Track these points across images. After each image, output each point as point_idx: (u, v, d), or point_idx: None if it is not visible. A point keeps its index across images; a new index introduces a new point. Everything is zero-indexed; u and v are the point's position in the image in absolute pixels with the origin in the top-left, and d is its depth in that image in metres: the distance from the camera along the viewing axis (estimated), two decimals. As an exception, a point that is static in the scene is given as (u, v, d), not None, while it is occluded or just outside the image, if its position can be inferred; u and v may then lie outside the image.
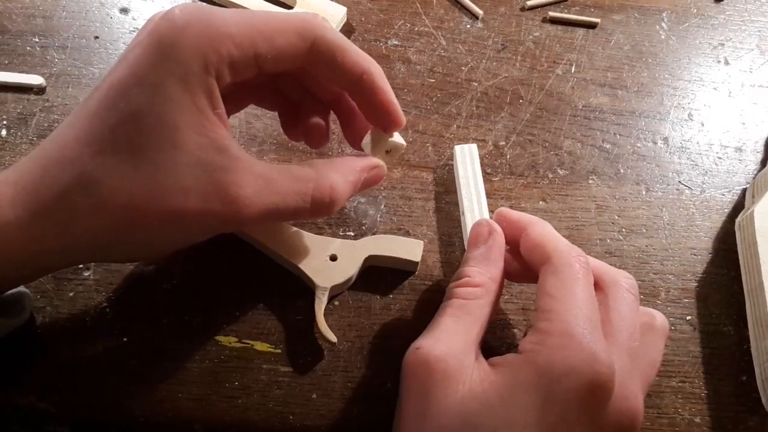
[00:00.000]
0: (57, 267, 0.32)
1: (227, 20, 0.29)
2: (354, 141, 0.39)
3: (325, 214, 0.33)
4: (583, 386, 0.27)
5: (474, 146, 0.44)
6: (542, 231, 0.33)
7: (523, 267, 0.35)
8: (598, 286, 0.32)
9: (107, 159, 0.27)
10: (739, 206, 0.45)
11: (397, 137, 0.38)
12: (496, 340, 0.39)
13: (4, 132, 0.44)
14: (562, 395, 0.27)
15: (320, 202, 0.32)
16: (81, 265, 0.40)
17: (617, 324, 0.30)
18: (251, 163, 0.30)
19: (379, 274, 0.40)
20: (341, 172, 0.33)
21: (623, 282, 0.32)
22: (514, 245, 0.35)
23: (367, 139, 0.37)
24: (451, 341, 0.30)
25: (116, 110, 0.28)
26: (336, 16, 0.51)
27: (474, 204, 0.41)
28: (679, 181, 0.46)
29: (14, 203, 0.28)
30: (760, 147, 0.48)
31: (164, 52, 0.28)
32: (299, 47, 0.31)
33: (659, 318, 0.33)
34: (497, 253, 0.34)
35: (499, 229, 0.35)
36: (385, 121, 0.35)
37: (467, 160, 0.43)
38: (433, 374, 0.29)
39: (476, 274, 0.33)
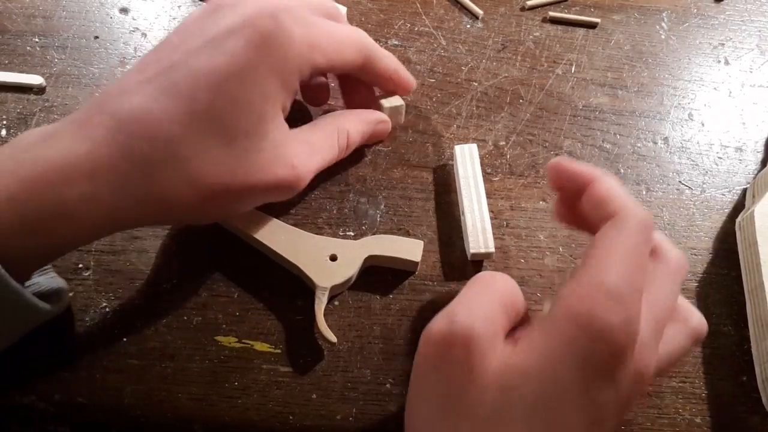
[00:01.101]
0: (122, 229, 0.34)
1: (320, 30, 0.34)
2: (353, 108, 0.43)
3: (342, 156, 0.40)
4: (608, 347, 0.26)
5: (474, 146, 0.44)
6: (610, 186, 0.31)
7: (576, 216, 0.33)
8: (651, 255, 0.31)
9: (199, 139, 0.30)
10: (739, 206, 0.45)
11: (395, 99, 0.44)
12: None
13: (4, 132, 0.44)
14: (590, 358, 0.26)
15: (341, 149, 0.39)
16: (81, 265, 0.40)
17: (655, 296, 0.29)
18: (295, 132, 0.36)
19: (379, 274, 0.40)
20: (354, 120, 0.40)
21: (674, 262, 0.31)
22: (569, 195, 0.33)
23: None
24: (482, 316, 0.28)
25: (215, 95, 0.30)
26: (336, 16, 0.51)
27: (474, 204, 0.41)
28: (680, 181, 0.46)
29: (93, 176, 0.29)
30: (761, 147, 0.48)
31: (269, 50, 0.31)
32: (357, 61, 0.37)
33: (697, 319, 0.32)
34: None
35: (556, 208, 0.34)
36: (393, 88, 0.43)
37: (467, 160, 0.43)
38: (467, 344, 0.27)
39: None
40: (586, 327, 0.26)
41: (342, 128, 0.39)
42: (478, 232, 0.40)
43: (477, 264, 0.42)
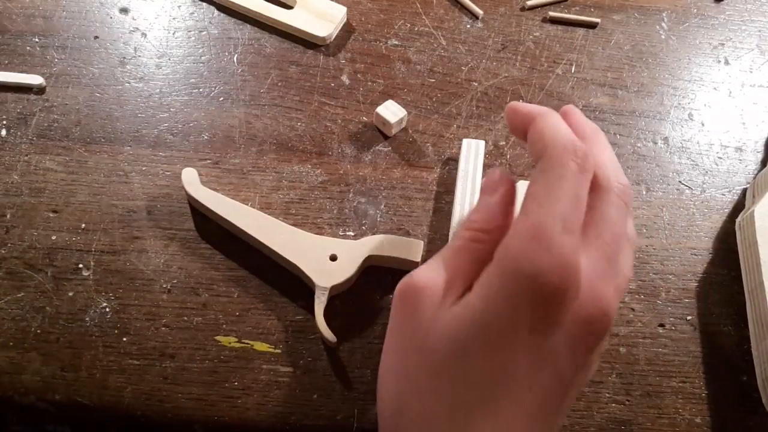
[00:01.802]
0: None
1: None
2: None
3: None
4: (550, 288, 0.25)
5: (481, 143, 0.44)
6: (544, 123, 0.30)
7: None
8: (592, 185, 0.30)
9: None
10: (739, 206, 0.45)
11: (395, 110, 0.42)
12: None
13: (4, 132, 0.44)
14: (531, 300, 0.26)
15: None
16: (81, 265, 0.40)
17: (599, 226, 0.28)
18: None
19: (379, 274, 0.40)
20: None
21: (615, 186, 0.30)
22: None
23: None
24: (441, 273, 0.29)
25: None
26: (336, 16, 0.51)
27: (466, 198, 0.42)
28: (680, 181, 0.46)
29: None
30: (761, 147, 0.48)
31: None
32: None
33: (630, 229, 0.31)
34: (504, 203, 0.31)
35: (511, 180, 0.32)
36: None
37: (471, 155, 0.43)
38: (420, 297, 0.28)
39: (482, 220, 0.31)
40: (517, 273, 0.26)
41: None
42: None
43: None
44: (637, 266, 0.42)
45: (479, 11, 0.53)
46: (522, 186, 0.31)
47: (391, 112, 0.45)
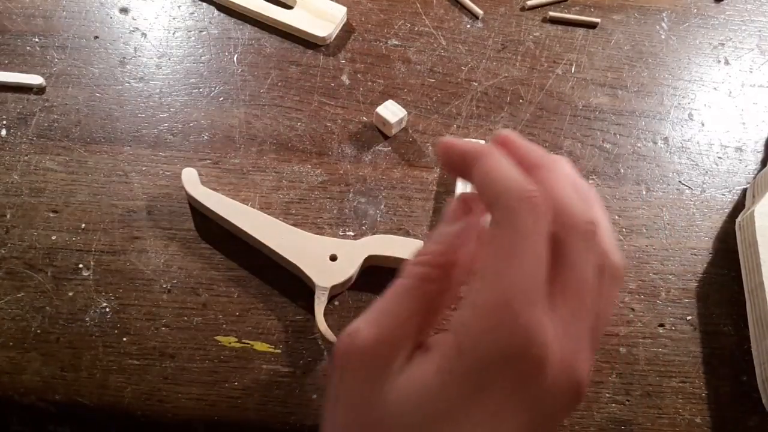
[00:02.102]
0: None
1: None
2: None
3: None
4: (516, 370, 0.23)
5: (481, 143, 0.44)
6: (490, 167, 0.26)
7: None
8: (555, 224, 0.26)
9: None
10: (739, 206, 0.45)
11: (395, 110, 0.39)
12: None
13: (4, 132, 0.44)
14: (496, 382, 0.23)
15: None
16: (81, 265, 0.40)
17: (566, 281, 0.25)
18: None
19: (379, 274, 0.40)
20: None
21: (580, 226, 0.26)
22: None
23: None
24: (387, 327, 0.25)
25: None
26: (336, 16, 0.51)
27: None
28: (680, 181, 0.46)
29: None
30: (761, 147, 0.48)
31: None
32: None
33: (613, 258, 0.27)
34: (464, 235, 0.28)
35: (480, 207, 0.28)
36: None
37: None
38: (364, 362, 0.25)
39: (438, 255, 0.27)
40: (478, 353, 0.23)
41: None
42: None
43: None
44: (637, 266, 0.42)
45: (479, 11, 0.53)
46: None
47: (391, 112, 0.45)
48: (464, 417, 0.24)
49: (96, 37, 0.50)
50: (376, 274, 0.40)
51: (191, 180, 0.41)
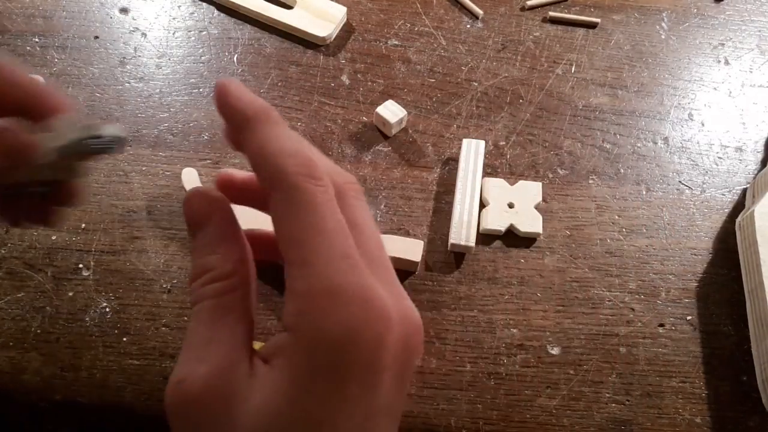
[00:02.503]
0: None
1: None
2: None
3: None
4: (368, 343, 0.22)
5: (482, 143, 0.44)
6: (261, 141, 0.23)
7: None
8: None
9: None
10: (739, 206, 0.45)
11: (395, 110, 0.38)
12: (495, 341, 0.39)
13: (4, 132, 0.44)
14: (357, 369, 0.22)
15: None
16: (81, 265, 0.40)
17: (366, 242, 0.24)
18: None
19: (379, 274, 0.40)
20: None
21: (351, 187, 0.25)
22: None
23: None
24: (214, 357, 0.23)
25: None
26: (336, 16, 0.51)
27: (466, 197, 0.42)
28: (680, 181, 0.46)
29: None
30: (761, 147, 0.48)
31: None
32: None
33: (357, 187, 0.26)
34: (231, 226, 0.25)
35: (217, 193, 0.26)
36: (35, 106, 0.28)
37: (471, 155, 0.44)
38: (205, 408, 0.22)
39: (220, 263, 0.24)
40: (328, 342, 0.21)
41: None
42: (462, 225, 0.41)
43: (459, 256, 0.41)
44: (637, 266, 0.42)
45: (479, 11, 0.53)
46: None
47: (391, 112, 0.45)
48: (326, 412, 0.22)
49: (96, 37, 0.50)
50: (376, 274, 0.40)
51: (191, 180, 0.41)
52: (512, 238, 0.43)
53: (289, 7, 0.51)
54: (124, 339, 0.38)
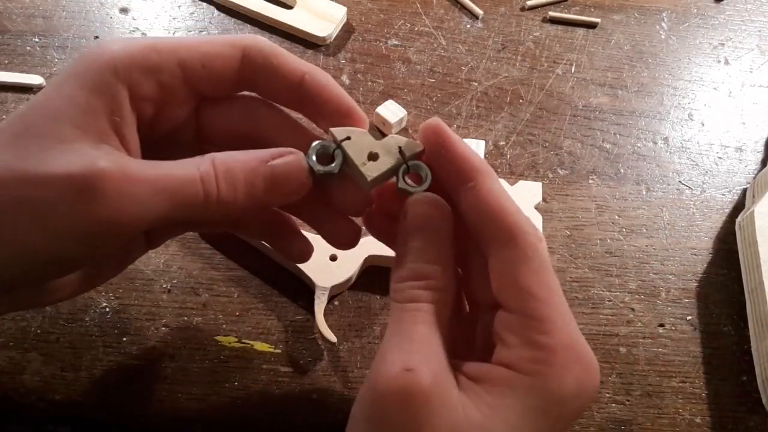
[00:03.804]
0: None
1: (151, 38, 0.27)
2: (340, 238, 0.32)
3: (214, 210, 0.26)
4: (588, 401, 0.25)
5: (481, 143, 0.44)
6: (500, 193, 0.26)
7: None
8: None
9: None
10: (739, 206, 0.45)
11: (395, 110, 0.39)
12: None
13: (4, 132, 0.44)
14: (569, 416, 0.25)
15: (205, 189, 0.25)
16: (81, 265, 0.40)
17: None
18: (132, 160, 0.25)
19: (379, 274, 0.40)
20: (235, 161, 0.26)
21: (538, 241, 0.26)
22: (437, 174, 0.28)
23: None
24: (435, 357, 0.24)
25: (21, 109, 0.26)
26: (336, 16, 0.51)
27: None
28: (680, 181, 0.46)
29: None
30: (761, 147, 0.48)
31: (80, 59, 0.26)
32: (229, 55, 0.28)
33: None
34: (450, 245, 0.27)
35: (449, 209, 0.27)
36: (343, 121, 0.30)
37: None
38: (428, 401, 0.22)
39: (438, 275, 0.26)
40: (556, 394, 0.24)
41: (208, 166, 0.26)
42: None
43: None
44: (637, 266, 0.42)
45: (479, 11, 0.53)
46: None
47: (391, 112, 0.45)
48: None
49: (96, 37, 0.50)
50: (376, 274, 0.40)
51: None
52: (512, 238, 0.43)
53: (289, 7, 0.51)
54: (124, 339, 0.38)
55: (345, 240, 0.32)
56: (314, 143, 0.27)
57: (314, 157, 0.27)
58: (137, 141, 0.27)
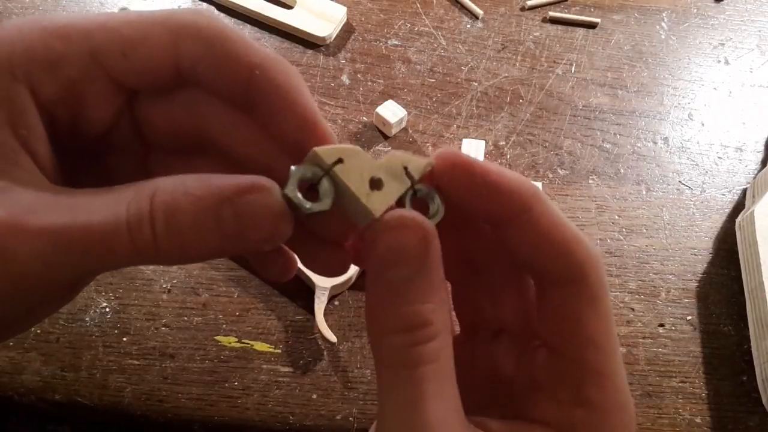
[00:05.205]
0: None
1: (62, 18, 0.21)
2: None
3: (144, 249, 0.18)
4: None
5: (481, 143, 0.44)
6: (562, 221, 0.22)
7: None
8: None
9: None
10: (739, 206, 0.45)
11: (395, 110, 0.35)
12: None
13: (4, 132, 0.44)
14: None
15: (137, 219, 0.18)
16: (81, 265, 0.40)
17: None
18: (39, 197, 0.19)
19: (379, 274, 0.40)
20: (184, 180, 0.19)
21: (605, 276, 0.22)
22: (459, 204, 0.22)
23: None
24: (462, 418, 0.20)
25: None
26: (336, 16, 0.51)
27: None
28: (680, 181, 0.46)
29: None
30: (761, 147, 0.48)
31: None
32: (158, 40, 0.21)
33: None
34: (440, 271, 0.21)
35: (434, 232, 0.21)
36: (300, 136, 0.23)
37: (471, 155, 0.43)
38: None
39: (435, 316, 0.20)
40: None
41: (146, 186, 0.19)
42: None
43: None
44: (637, 266, 0.42)
45: (479, 11, 0.53)
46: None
47: (391, 112, 0.45)
48: None
49: (96, 37, 0.50)
50: (376, 274, 0.40)
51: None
52: (512, 238, 0.43)
53: (289, 7, 0.51)
54: (124, 339, 0.38)
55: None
56: (294, 168, 0.20)
57: (297, 191, 0.19)
58: (52, 156, 0.21)
